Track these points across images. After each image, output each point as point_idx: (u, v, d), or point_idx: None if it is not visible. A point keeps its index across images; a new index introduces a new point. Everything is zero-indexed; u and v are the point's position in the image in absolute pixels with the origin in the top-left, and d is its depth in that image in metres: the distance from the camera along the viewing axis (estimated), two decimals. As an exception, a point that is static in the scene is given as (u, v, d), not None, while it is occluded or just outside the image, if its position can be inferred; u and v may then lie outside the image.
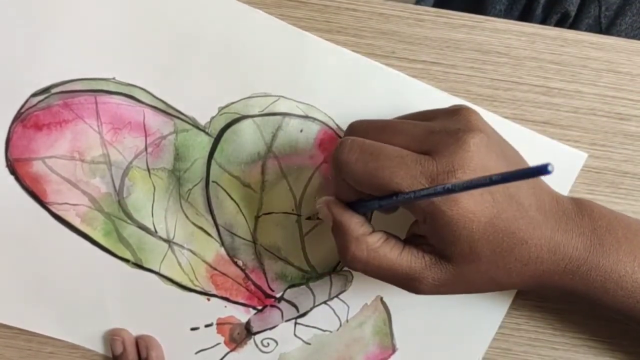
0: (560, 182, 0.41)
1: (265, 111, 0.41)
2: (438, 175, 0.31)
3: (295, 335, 0.43)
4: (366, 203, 0.35)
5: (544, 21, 0.54)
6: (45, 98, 0.40)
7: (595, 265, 0.34)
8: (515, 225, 0.33)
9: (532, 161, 0.40)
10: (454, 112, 0.35)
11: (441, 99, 0.41)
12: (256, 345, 0.43)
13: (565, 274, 0.34)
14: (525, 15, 0.55)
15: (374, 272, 0.34)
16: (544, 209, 0.34)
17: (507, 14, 0.55)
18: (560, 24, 0.54)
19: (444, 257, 0.33)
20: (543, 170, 0.23)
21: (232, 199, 0.41)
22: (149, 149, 0.41)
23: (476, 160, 0.32)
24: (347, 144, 0.34)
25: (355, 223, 0.34)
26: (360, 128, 0.36)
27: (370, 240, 0.34)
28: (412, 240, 0.35)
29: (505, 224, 0.32)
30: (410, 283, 0.34)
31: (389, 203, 0.33)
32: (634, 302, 0.35)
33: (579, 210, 0.35)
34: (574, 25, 0.54)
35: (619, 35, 0.53)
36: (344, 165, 0.33)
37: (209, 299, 0.43)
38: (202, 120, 0.41)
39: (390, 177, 0.32)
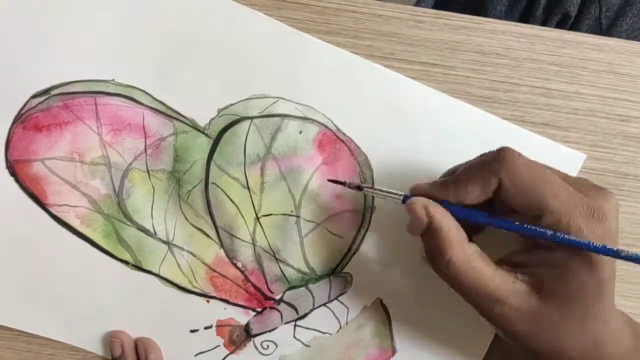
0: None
1: (264, 113, 0.41)
2: (594, 211, 0.32)
3: (294, 337, 0.43)
4: (479, 213, 0.34)
5: (544, 22, 0.54)
6: (45, 99, 0.41)
7: None
8: (606, 305, 0.33)
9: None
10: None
11: (440, 101, 0.41)
12: (256, 347, 0.43)
13: None
14: (525, 16, 0.55)
15: (463, 282, 0.33)
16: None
17: (507, 15, 0.55)
18: (560, 24, 0.54)
19: (537, 289, 0.33)
20: None
21: (231, 200, 0.41)
22: (149, 151, 0.41)
23: (616, 222, 0.33)
24: (518, 151, 0.33)
25: (456, 228, 0.34)
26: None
27: (469, 250, 0.33)
28: (503, 264, 0.34)
29: (609, 301, 0.33)
30: (492, 305, 0.33)
31: (524, 231, 0.33)
32: None
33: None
34: (574, 26, 0.54)
35: (619, 36, 0.52)
36: (511, 161, 0.33)
37: (208, 301, 0.42)
38: (202, 122, 0.41)
39: (550, 193, 0.32)
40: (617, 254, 0.31)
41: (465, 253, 0.33)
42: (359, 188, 0.39)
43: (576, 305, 0.33)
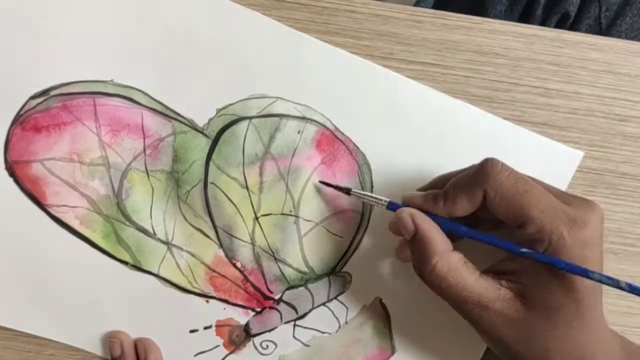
0: (557, 180, 0.41)
1: (263, 113, 0.41)
2: (576, 219, 0.32)
3: (294, 337, 0.43)
4: (461, 227, 0.35)
5: (544, 21, 0.54)
6: (44, 100, 0.41)
7: None
8: (592, 317, 0.34)
9: (529, 160, 0.40)
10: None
11: (439, 100, 0.40)
12: (255, 347, 0.43)
13: None
14: (525, 16, 0.55)
15: (448, 290, 0.34)
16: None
17: (507, 15, 0.55)
18: (560, 24, 0.54)
19: (522, 297, 0.34)
20: None
21: (230, 200, 0.41)
22: (148, 151, 0.41)
23: (600, 231, 0.33)
24: (501, 162, 0.34)
25: (440, 237, 0.35)
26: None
27: (453, 258, 0.35)
28: (490, 272, 0.35)
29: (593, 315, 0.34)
30: (476, 310, 0.34)
31: (501, 245, 0.34)
32: None
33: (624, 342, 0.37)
34: (574, 26, 0.54)
35: (619, 36, 0.52)
36: (494, 173, 0.34)
37: (207, 301, 0.43)
38: (200, 122, 0.41)
39: (533, 202, 0.33)
40: (585, 274, 0.32)
41: (449, 261, 0.34)
42: (348, 192, 0.40)
43: (559, 317, 0.33)
